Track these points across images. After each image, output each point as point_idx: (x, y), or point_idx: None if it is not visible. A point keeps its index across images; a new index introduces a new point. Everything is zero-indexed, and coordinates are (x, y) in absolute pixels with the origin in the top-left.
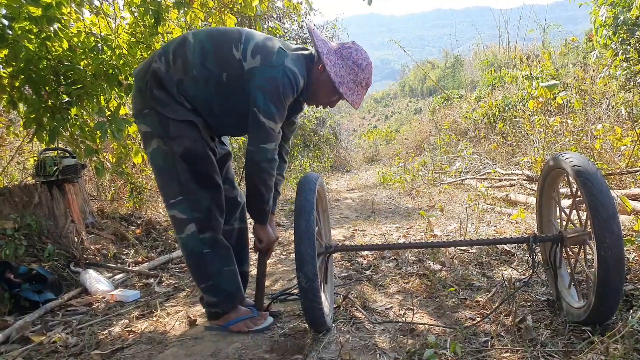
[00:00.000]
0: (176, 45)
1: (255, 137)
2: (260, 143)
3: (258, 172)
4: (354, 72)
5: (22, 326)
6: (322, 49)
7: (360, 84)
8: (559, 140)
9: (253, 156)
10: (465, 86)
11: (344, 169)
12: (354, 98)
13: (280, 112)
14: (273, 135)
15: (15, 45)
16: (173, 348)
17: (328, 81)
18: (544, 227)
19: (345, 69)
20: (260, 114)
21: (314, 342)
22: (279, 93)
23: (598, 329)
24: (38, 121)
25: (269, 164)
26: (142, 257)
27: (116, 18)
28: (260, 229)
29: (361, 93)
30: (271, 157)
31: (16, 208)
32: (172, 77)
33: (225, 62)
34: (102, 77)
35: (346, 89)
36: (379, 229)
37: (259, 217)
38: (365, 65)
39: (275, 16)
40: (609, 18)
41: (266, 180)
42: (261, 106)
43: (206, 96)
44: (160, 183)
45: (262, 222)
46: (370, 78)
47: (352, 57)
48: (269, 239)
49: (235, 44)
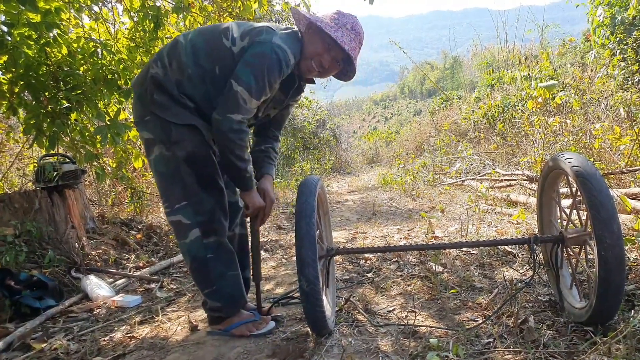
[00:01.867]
0: (169, 49)
1: (223, 105)
2: (227, 112)
3: (225, 142)
4: (334, 19)
5: (23, 333)
6: (310, 17)
7: (344, 26)
8: (558, 140)
9: (218, 125)
10: (465, 87)
11: (345, 171)
12: (340, 35)
13: (260, 87)
14: (243, 107)
15: (14, 52)
16: (175, 353)
17: (316, 33)
18: (545, 228)
19: (326, 19)
20: (237, 82)
21: (316, 346)
22: (264, 68)
23: (600, 329)
24: (38, 127)
25: (236, 134)
26: (143, 262)
27: (115, 23)
28: (245, 195)
29: (348, 35)
30: (237, 128)
31: (16, 214)
32: (170, 79)
33: (216, 55)
34: (101, 82)
35: (329, 28)
36: (380, 231)
37: (239, 184)
38: (347, 14)
39: (274, 19)
40: (606, 18)
41: (234, 150)
42: (240, 76)
43: (204, 93)
44: (162, 189)
45: (244, 189)
46: (356, 24)
47: (332, 15)
48: (254, 203)
49: (224, 33)
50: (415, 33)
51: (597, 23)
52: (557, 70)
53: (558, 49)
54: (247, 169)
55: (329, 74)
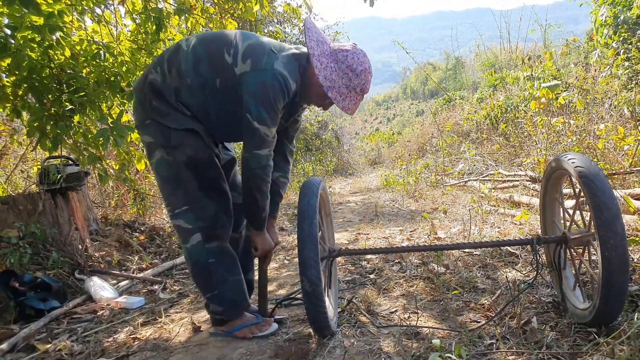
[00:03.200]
0: (170, 54)
1: (249, 144)
2: (254, 149)
3: (253, 179)
4: (347, 77)
5: (27, 334)
6: (314, 50)
7: (354, 89)
8: (561, 140)
9: (248, 163)
10: (467, 88)
11: (347, 172)
12: (346, 104)
13: (272, 117)
14: (267, 141)
15: (18, 54)
16: (178, 354)
17: (319, 84)
18: (548, 229)
19: (337, 73)
20: (253, 120)
21: (319, 347)
22: (270, 98)
23: (603, 330)
24: (41, 129)
25: (263, 171)
26: (146, 263)
27: (118, 25)
28: (256, 235)
29: (355, 99)
30: (265, 164)
31: (20, 216)
32: (169, 86)
33: (217, 68)
34: (104, 84)
35: (336, 93)
36: (383, 232)
37: (255, 223)
38: (361, 71)
39: (275, 21)
40: (610, 17)
41: (261, 187)
42: (253, 112)
43: (202, 102)
44: (165, 193)
45: (258, 228)
46: (367, 84)
47: (347, 61)
48: (265, 246)
49: (227, 48)
50: (418, 34)
51: (600, 22)
52: (561, 70)
53: (561, 48)
54: (265, 209)
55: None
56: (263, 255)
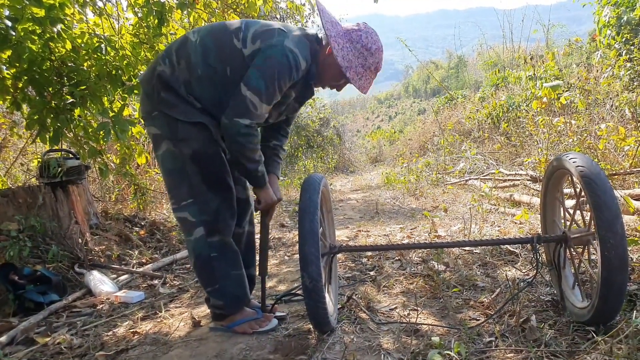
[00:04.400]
0: (178, 46)
1: (232, 110)
2: (235, 116)
3: (235, 145)
4: (363, 56)
5: (26, 327)
6: (331, 31)
7: (369, 68)
8: (562, 140)
9: (226, 129)
10: (469, 86)
11: (348, 170)
12: (362, 83)
13: (270, 92)
14: (251, 112)
15: (18, 46)
16: (177, 349)
17: (335, 64)
18: (548, 228)
19: (353, 53)
20: (246, 87)
21: (318, 343)
22: (274, 72)
23: (602, 329)
24: (41, 122)
25: (244, 138)
26: (146, 258)
27: (119, 19)
28: (258, 191)
29: (370, 77)
30: (245, 132)
31: (20, 209)
32: (178, 78)
33: (227, 56)
34: (105, 78)
35: (354, 73)
36: (383, 229)
37: (253, 182)
38: (375, 49)
39: (278, 17)
40: (613, 18)
41: (245, 153)
42: (250, 80)
43: (214, 94)
44: (169, 185)
45: (258, 185)
46: (380, 62)
47: (362, 41)
48: (268, 200)
49: (235, 33)
50: (420, 32)
51: (603, 23)
52: (563, 70)
53: (564, 49)
54: (257, 169)
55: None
56: (266, 209)
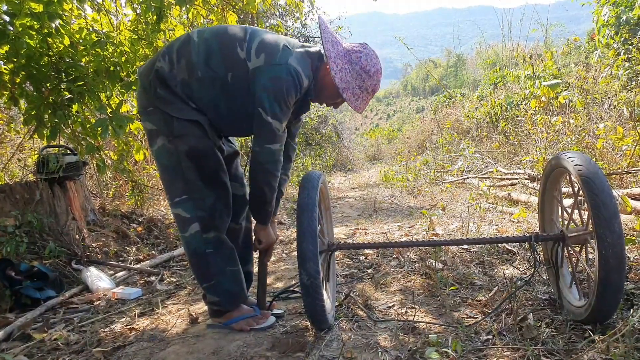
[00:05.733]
0: (180, 44)
1: (261, 138)
2: (266, 143)
3: (262, 173)
4: (361, 78)
5: (23, 323)
6: (330, 52)
7: (366, 90)
8: (561, 139)
9: (258, 157)
10: (468, 85)
11: (346, 168)
12: (358, 104)
13: (284, 112)
14: (278, 136)
15: (16, 42)
16: (175, 346)
17: (333, 84)
18: (546, 226)
19: (351, 74)
20: (266, 114)
21: (316, 340)
22: (283, 93)
23: (599, 328)
24: (39, 118)
25: (273, 165)
26: (143, 254)
27: (118, 15)
28: (261, 230)
29: (366, 99)
30: (276, 158)
31: (17, 205)
32: (175, 76)
33: (230, 62)
34: (103, 74)
35: (350, 94)
36: (381, 227)
37: (261, 217)
38: (374, 72)
39: (277, 14)
40: (611, 18)
41: (270, 181)
42: (266, 106)
43: (212, 97)
44: (165, 181)
45: (264, 223)
46: (378, 84)
47: (361, 63)
48: (269, 240)
49: (239, 42)
50: (419, 30)
51: (602, 23)
52: (561, 69)
53: (562, 48)
54: (272, 203)
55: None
56: (265, 249)
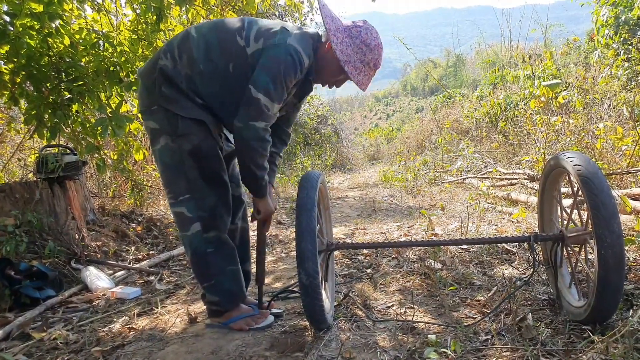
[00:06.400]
0: (180, 41)
1: (245, 113)
2: (250, 120)
3: (247, 150)
4: (362, 52)
5: (22, 323)
6: (330, 25)
7: (367, 64)
8: (560, 139)
9: (241, 133)
10: (467, 85)
11: (345, 168)
12: (360, 78)
13: (279, 92)
14: (265, 114)
15: (16, 42)
16: (173, 345)
17: (334, 59)
18: (545, 226)
19: (352, 48)
20: (257, 89)
21: (315, 340)
22: (280, 72)
23: (598, 328)
24: (39, 118)
25: (259, 143)
26: (142, 254)
27: (118, 15)
28: (259, 201)
29: (368, 74)
30: (262, 136)
31: (17, 205)
32: (180, 72)
33: (230, 53)
34: (103, 74)
35: (352, 68)
36: (380, 227)
37: (255, 191)
38: (374, 46)
39: (277, 14)
40: (611, 18)
41: (256, 159)
42: (259, 82)
43: (216, 89)
44: (166, 180)
45: (259, 196)
46: (380, 59)
47: (361, 36)
48: (267, 210)
49: (238, 31)
50: (419, 30)
51: (601, 23)
52: (561, 69)
53: (562, 48)
54: (264, 178)
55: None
56: (265, 219)
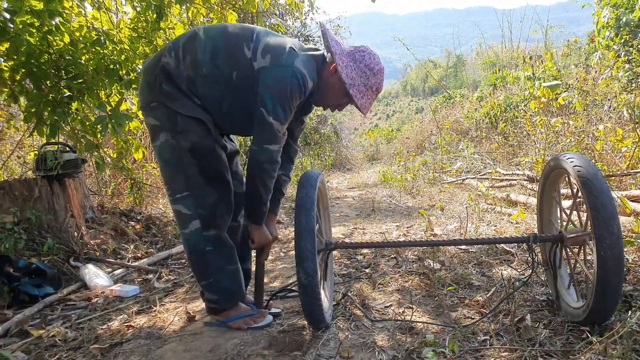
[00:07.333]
0: (186, 41)
1: (260, 137)
2: (265, 143)
3: (259, 172)
4: (366, 76)
5: (21, 320)
6: (336, 49)
7: (370, 88)
8: (560, 140)
9: (256, 156)
10: (467, 86)
11: (345, 168)
12: (363, 102)
13: (287, 114)
14: (278, 137)
15: (16, 39)
16: (172, 343)
17: (338, 83)
18: (544, 227)
19: (357, 72)
20: (268, 114)
21: (313, 339)
22: (287, 94)
23: (597, 329)
24: (39, 115)
25: (271, 166)
26: (141, 252)
27: (118, 13)
28: (255, 229)
29: (371, 98)
30: (274, 159)
31: (16, 202)
32: (181, 72)
33: (236, 61)
34: (103, 72)
35: (356, 91)
36: (379, 227)
37: (255, 217)
38: (377, 70)
39: (277, 13)
40: (612, 19)
41: (266, 182)
42: (269, 106)
43: (216, 95)
44: (166, 177)
45: (257, 223)
46: (381, 83)
47: (365, 61)
48: (261, 240)
49: (246, 42)
50: (419, 31)
51: (602, 24)
52: (561, 71)
53: (562, 49)
54: (267, 204)
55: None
56: (259, 248)
